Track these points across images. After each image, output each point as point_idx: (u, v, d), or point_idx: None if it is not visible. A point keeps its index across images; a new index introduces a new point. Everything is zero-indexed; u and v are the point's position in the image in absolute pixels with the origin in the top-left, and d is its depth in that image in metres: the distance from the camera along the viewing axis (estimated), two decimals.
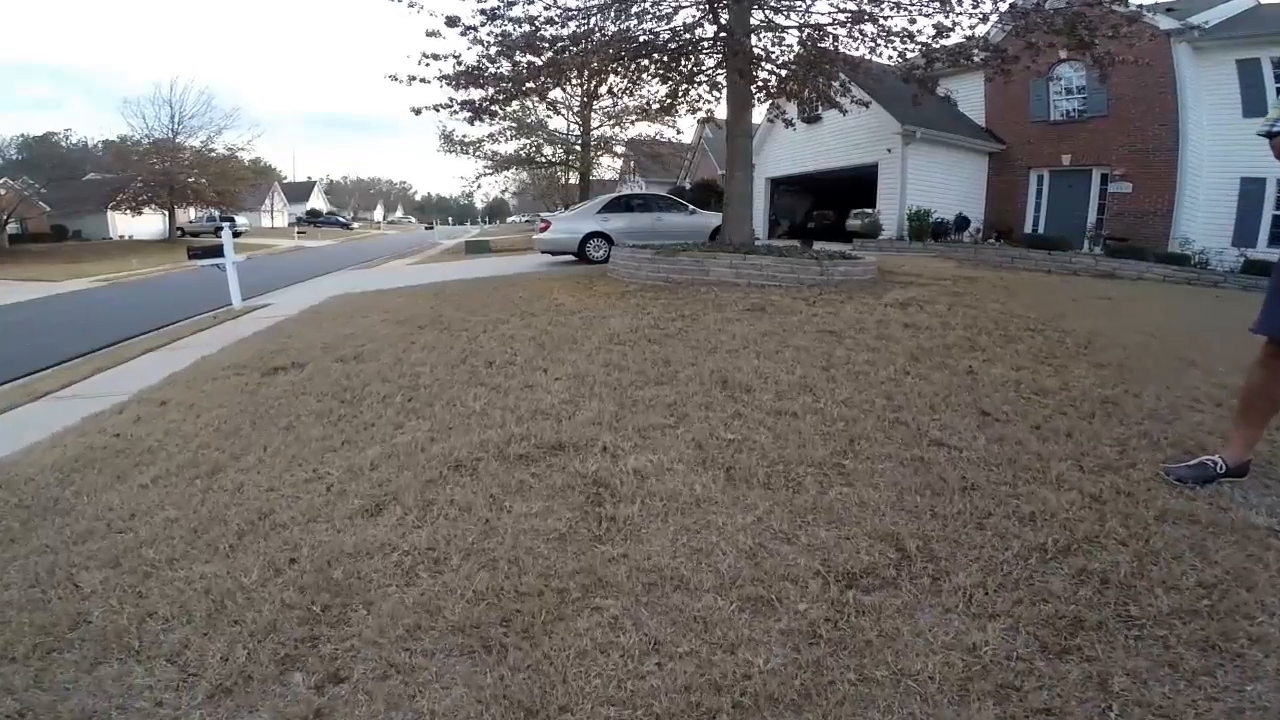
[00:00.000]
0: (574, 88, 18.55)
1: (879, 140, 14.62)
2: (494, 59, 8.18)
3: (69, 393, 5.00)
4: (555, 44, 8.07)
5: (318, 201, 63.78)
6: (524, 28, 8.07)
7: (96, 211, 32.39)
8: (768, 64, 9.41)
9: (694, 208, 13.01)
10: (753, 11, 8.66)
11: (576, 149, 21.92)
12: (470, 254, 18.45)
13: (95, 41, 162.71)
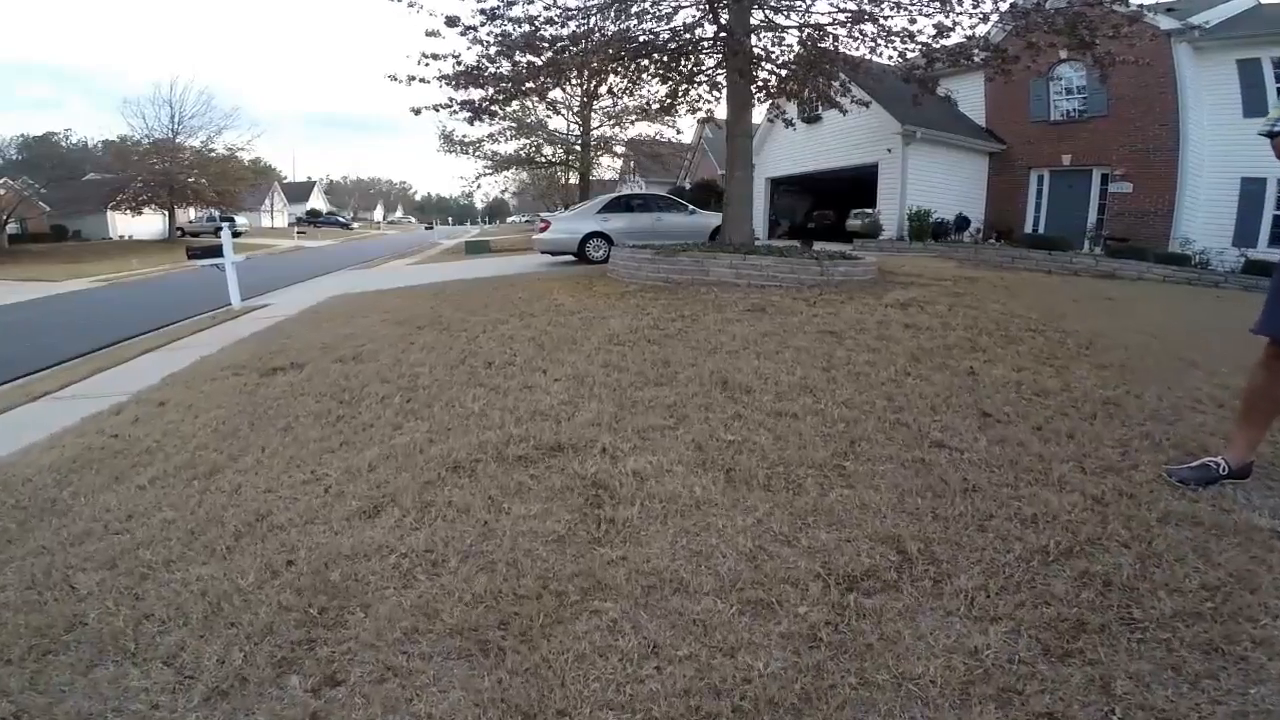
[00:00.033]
0: (574, 88, 18.55)
1: (879, 140, 14.61)
2: (494, 59, 8.18)
3: (67, 393, 4.99)
4: (555, 44, 8.07)
5: (318, 201, 63.78)
6: (524, 28, 8.07)
7: (96, 211, 32.44)
8: (768, 64, 9.41)
9: (694, 208, 12.98)
10: (753, 11, 8.65)
11: (576, 149, 21.92)
12: (470, 254, 18.43)
13: (95, 41, 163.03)
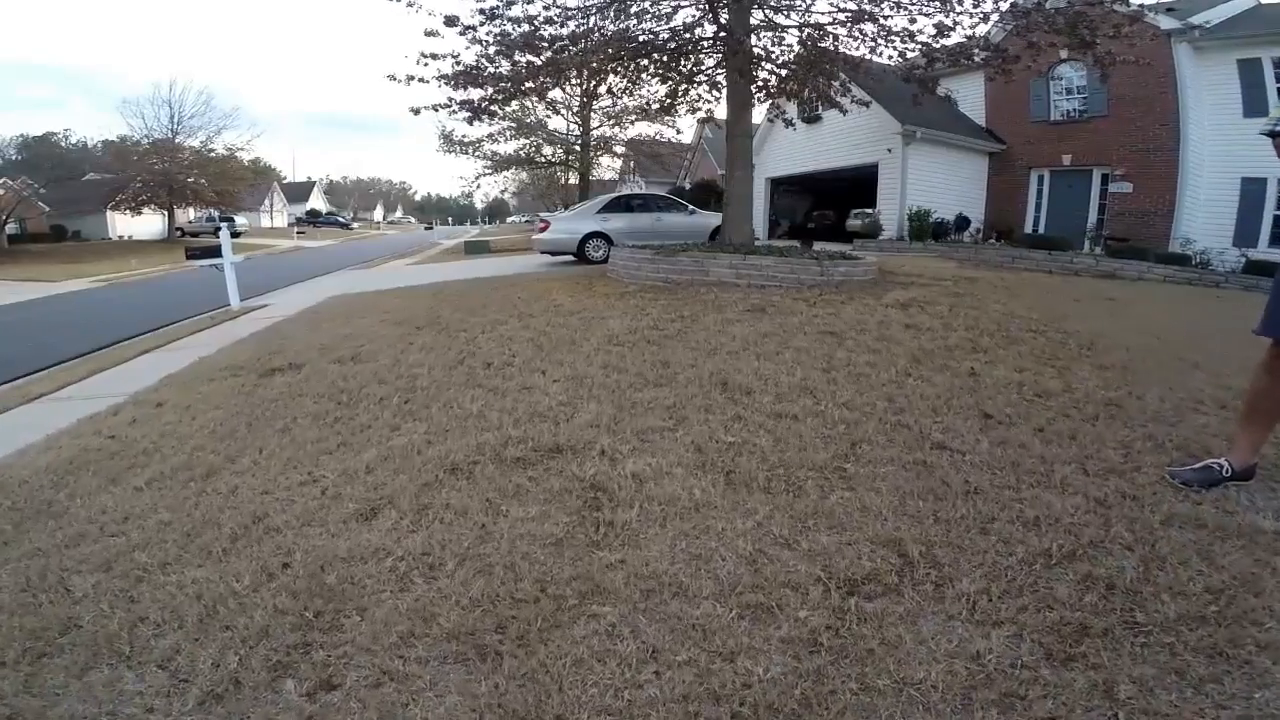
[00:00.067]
0: (573, 88, 18.54)
1: (879, 140, 14.60)
2: (493, 59, 8.17)
3: (65, 394, 4.98)
4: (554, 43, 8.06)
5: (317, 202, 63.79)
6: (523, 27, 8.06)
7: (96, 212, 32.46)
8: (768, 64, 9.39)
9: (694, 208, 12.97)
10: (753, 11, 8.63)
11: (576, 149, 21.90)
12: (469, 254, 18.42)
13: (95, 41, 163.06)
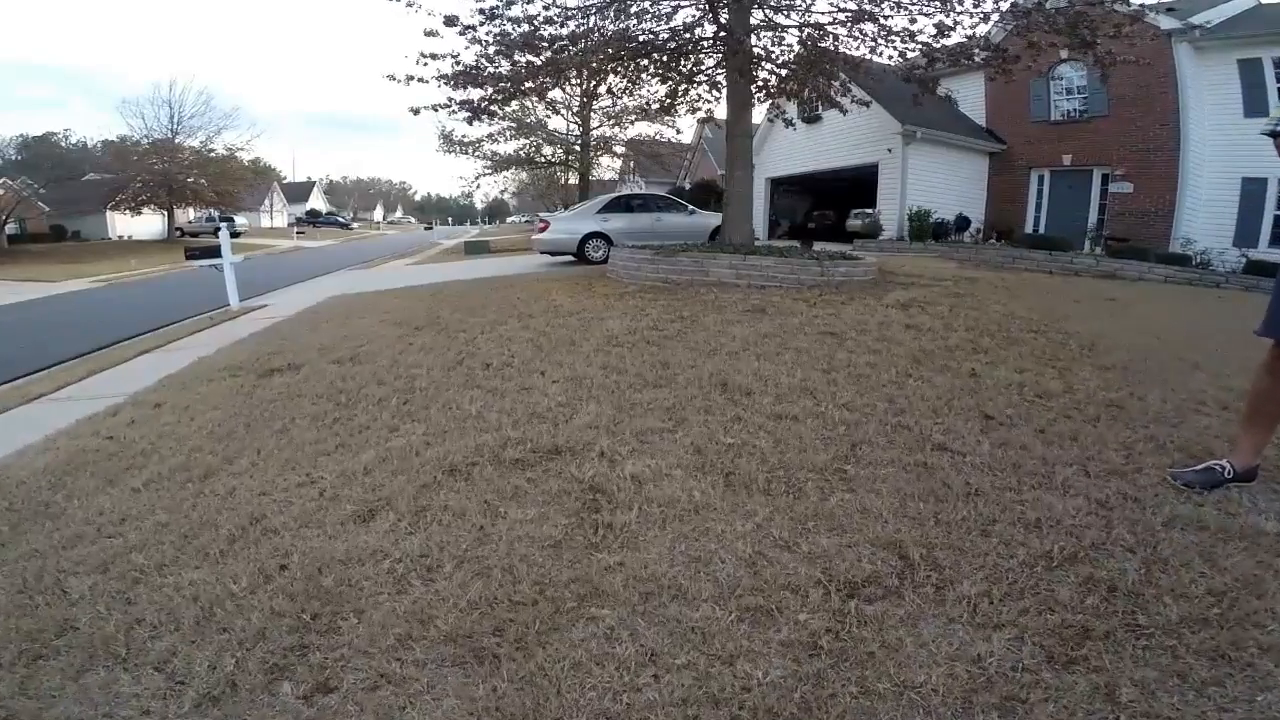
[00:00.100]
0: (573, 88, 18.53)
1: (879, 140, 14.59)
2: (492, 59, 8.17)
3: (64, 394, 4.97)
4: (554, 43, 8.05)
5: (317, 202, 63.80)
6: (523, 27, 8.06)
7: (96, 212, 32.47)
8: (768, 63, 9.39)
9: (693, 208, 12.96)
10: (753, 11, 8.63)
11: (576, 149, 21.89)
12: (469, 254, 18.41)
13: (95, 42, 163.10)
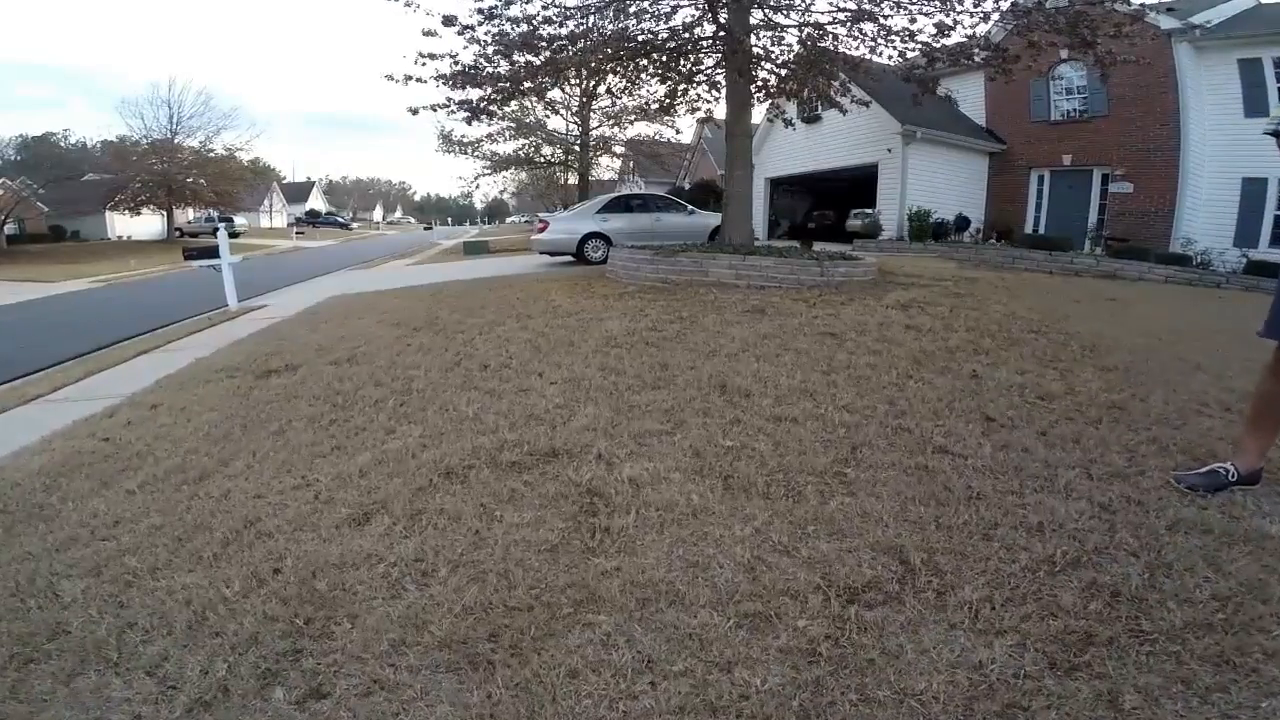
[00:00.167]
0: (572, 88, 18.52)
1: (879, 140, 14.57)
2: (491, 59, 8.15)
3: (61, 395, 4.95)
4: (553, 43, 8.03)
5: (317, 202, 63.77)
6: (521, 27, 8.04)
7: (95, 212, 32.45)
8: (767, 63, 9.36)
9: (693, 208, 12.95)
10: (752, 11, 8.61)
11: (575, 149, 21.89)
12: (468, 255, 18.40)
13: (95, 41, 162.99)
